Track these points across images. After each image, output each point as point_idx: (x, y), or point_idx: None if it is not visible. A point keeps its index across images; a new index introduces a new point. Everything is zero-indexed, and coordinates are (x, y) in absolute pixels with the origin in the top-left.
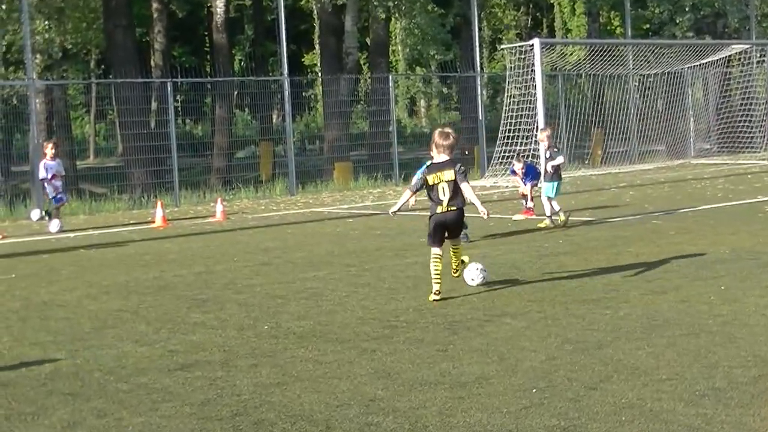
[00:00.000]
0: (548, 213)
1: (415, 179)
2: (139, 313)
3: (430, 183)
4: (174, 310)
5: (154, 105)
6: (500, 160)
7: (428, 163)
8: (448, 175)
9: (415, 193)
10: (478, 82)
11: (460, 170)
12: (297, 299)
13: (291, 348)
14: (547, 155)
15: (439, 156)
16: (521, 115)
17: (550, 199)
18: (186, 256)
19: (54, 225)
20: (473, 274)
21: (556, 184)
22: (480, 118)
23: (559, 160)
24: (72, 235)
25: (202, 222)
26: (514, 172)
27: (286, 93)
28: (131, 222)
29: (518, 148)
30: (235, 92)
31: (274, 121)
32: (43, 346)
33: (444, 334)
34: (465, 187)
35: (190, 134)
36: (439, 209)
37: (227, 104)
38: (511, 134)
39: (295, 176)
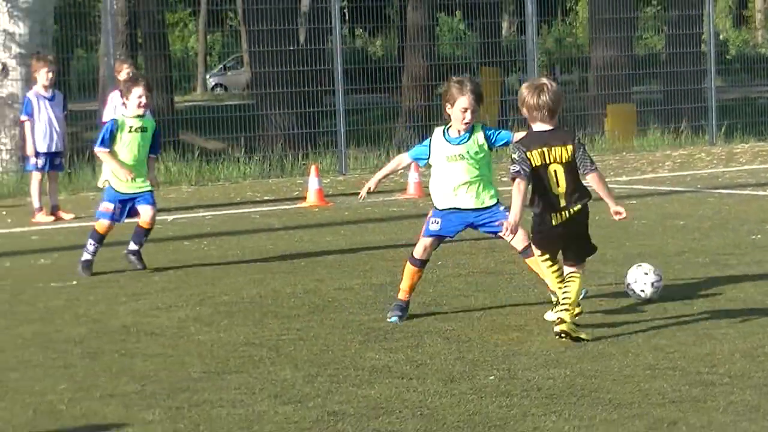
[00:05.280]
0: None
1: None
2: (281, 348)
3: None
4: (338, 345)
5: (305, 4)
6: None
7: None
8: None
9: None
10: None
11: None
12: (544, 333)
13: (533, 414)
14: None
15: None
16: None
17: None
18: (355, 254)
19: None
20: (640, 284)
21: None
22: None
23: None
24: (169, 218)
25: (384, 200)
26: None
27: None
28: (266, 198)
29: None
30: None
31: (503, 32)
32: (124, 400)
33: None
34: None
35: (363, 53)
36: None
37: (426, 4)
38: None
39: None
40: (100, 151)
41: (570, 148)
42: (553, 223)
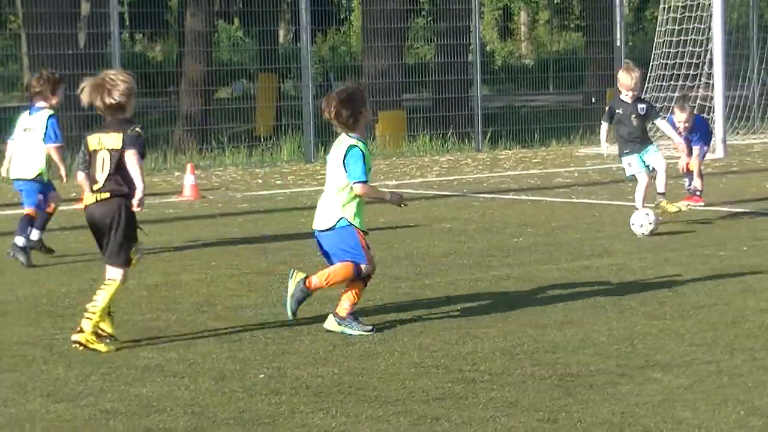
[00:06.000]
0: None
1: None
2: (54, 347)
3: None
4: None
5: (85, 8)
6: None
7: None
8: None
9: None
10: None
11: None
12: (313, 333)
13: (302, 411)
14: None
15: None
16: (686, 41)
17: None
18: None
19: None
20: (642, 220)
21: None
22: (618, 43)
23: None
24: None
25: (160, 202)
26: (674, 127)
27: None
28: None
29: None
30: None
31: (280, 40)
32: None
33: (552, 395)
34: None
35: (143, 58)
36: None
37: (205, 11)
38: (669, 72)
39: (313, 132)
40: (56, 146)
41: (120, 137)
42: (87, 203)
